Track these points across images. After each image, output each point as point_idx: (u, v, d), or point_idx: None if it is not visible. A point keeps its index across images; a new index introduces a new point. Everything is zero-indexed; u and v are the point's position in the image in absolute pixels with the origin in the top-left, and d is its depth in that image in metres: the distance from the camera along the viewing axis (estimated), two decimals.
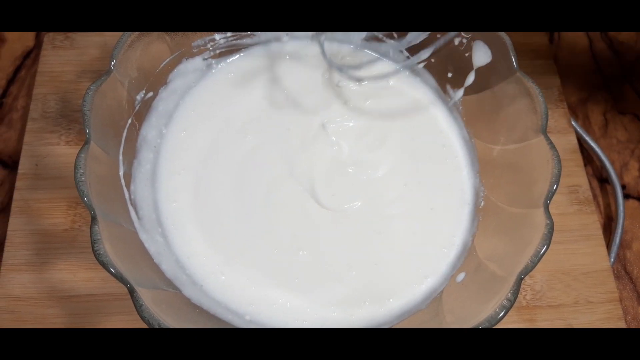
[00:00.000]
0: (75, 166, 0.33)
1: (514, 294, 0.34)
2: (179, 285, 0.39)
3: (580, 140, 0.54)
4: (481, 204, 0.45)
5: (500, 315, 0.33)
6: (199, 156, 0.45)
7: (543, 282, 0.47)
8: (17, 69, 0.54)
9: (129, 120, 0.42)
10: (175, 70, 0.45)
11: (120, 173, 0.40)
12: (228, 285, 0.40)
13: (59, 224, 0.46)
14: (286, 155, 0.45)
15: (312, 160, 0.45)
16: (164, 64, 0.44)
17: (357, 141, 0.47)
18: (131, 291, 0.32)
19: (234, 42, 0.48)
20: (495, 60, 0.43)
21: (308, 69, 0.49)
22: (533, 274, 0.47)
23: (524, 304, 0.46)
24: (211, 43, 0.47)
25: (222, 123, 0.46)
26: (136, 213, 0.40)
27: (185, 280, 0.39)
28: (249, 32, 0.48)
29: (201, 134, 0.46)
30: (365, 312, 0.41)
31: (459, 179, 0.46)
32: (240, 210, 0.43)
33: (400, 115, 0.48)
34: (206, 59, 0.48)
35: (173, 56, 0.45)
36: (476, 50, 0.44)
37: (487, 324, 0.33)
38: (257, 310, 0.40)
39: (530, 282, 0.47)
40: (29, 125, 0.49)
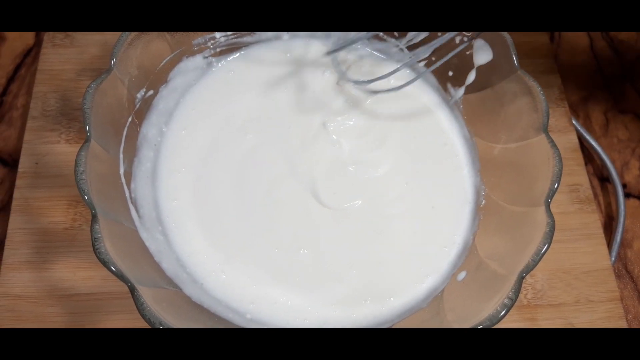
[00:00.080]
0: (76, 164, 0.33)
1: (515, 293, 0.34)
2: (179, 284, 0.38)
3: (581, 139, 0.53)
4: (482, 203, 0.45)
5: (502, 314, 0.33)
6: (200, 154, 0.45)
7: (544, 281, 0.47)
8: (17, 67, 0.54)
9: (130, 119, 0.41)
10: (175, 69, 0.45)
11: (121, 171, 0.40)
12: (229, 284, 0.40)
13: (59, 222, 0.45)
14: (287, 153, 0.45)
15: (313, 159, 0.45)
16: (165, 62, 0.44)
17: (358, 140, 0.47)
18: (132, 290, 0.32)
19: (235, 41, 0.48)
20: (496, 58, 0.43)
21: (309, 67, 0.48)
22: (534, 273, 0.47)
23: (525, 302, 0.46)
24: (212, 41, 0.47)
25: (223, 121, 0.46)
26: (136, 211, 0.40)
27: (185, 279, 0.39)
28: (249, 31, 0.48)
29: (201, 132, 0.46)
30: (366, 311, 0.41)
31: (459, 178, 0.46)
32: (240, 209, 0.43)
33: (400, 114, 0.48)
34: (207, 57, 0.47)
35: (173, 54, 0.45)
36: (477, 49, 0.44)
37: (489, 323, 0.33)
38: (258, 309, 0.40)
39: (531, 281, 0.47)
40: (29, 123, 0.49)
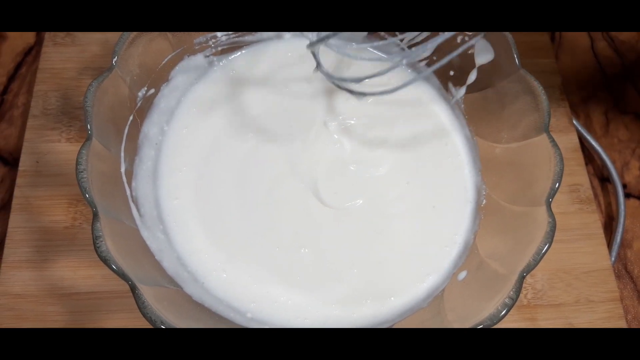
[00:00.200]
0: (77, 163, 0.33)
1: (516, 292, 0.34)
2: (180, 283, 0.38)
3: (582, 139, 0.53)
4: (483, 202, 0.45)
5: (502, 313, 0.33)
6: (201, 153, 0.45)
7: (544, 281, 0.47)
8: (18, 66, 0.54)
9: (131, 117, 0.41)
10: (177, 67, 0.45)
11: (122, 170, 0.40)
12: (230, 283, 0.40)
13: (60, 221, 0.45)
14: (288, 153, 0.45)
15: (314, 158, 0.45)
16: (166, 60, 0.44)
17: (359, 139, 0.47)
18: (133, 288, 0.31)
19: (236, 40, 0.48)
20: (498, 58, 0.43)
21: (310, 66, 0.48)
22: (534, 273, 0.47)
23: (525, 302, 0.46)
24: (213, 40, 0.47)
25: (224, 120, 0.46)
26: (137, 210, 0.40)
27: (186, 278, 0.39)
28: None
29: (202, 131, 0.45)
30: (366, 310, 0.41)
31: (460, 177, 0.46)
32: (241, 208, 0.43)
33: (402, 114, 0.48)
34: (208, 56, 0.47)
35: (175, 53, 0.44)
36: (478, 49, 0.44)
37: (489, 322, 0.33)
38: (259, 308, 0.40)
39: (531, 281, 0.47)
40: (30, 122, 0.49)
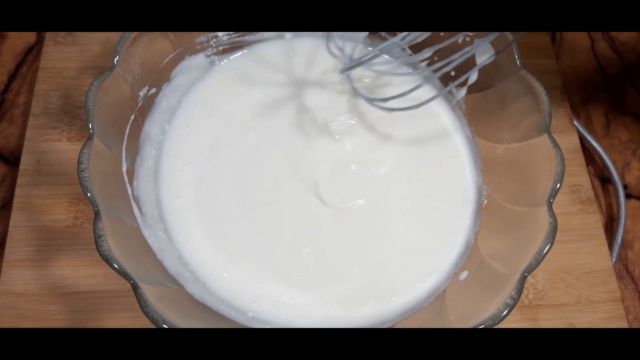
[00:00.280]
0: (79, 162, 0.33)
1: (517, 293, 0.34)
2: (182, 282, 0.38)
3: (582, 139, 0.54)
4: (484, 203, 0.45)
5: (504, 313, 0.33)
6: (202, 153, 0.45)
7: (545, 282, 0.47)
8: (19, 65, 0.54)
9: (132, 117, 0.41)
10: (178, 67, 0.45)
11: (123, 169, 0.40)
12: (231, 282, 0.40)
13: (61, 220, 0.45)
14: (289, 152, 0.45)
15: (315, 158, 0.45)
16: (167, 60, 0.44)
17: (360, 139, 0.47)
18: (135, 287, 0.31)
19: (237, 39, 0.48)
20: (499, 58, 0.43)
21: (311, 66, 0.48)
22: (535, 273, 0.47)
23: (526, 303, 0.46)
24: (214, 40, 0.47)
25: (225, 120, 0.46)
26: (139, 209, 0.40)
27: (188, 277, 0.39)
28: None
29: (204, 130, 0.45)
30: (368, 310, 0.41)
31: (461, 178, 0.46)
32: (243, 207, 0.43)
33: (403, 114, 0.48)
34: (209, 56, 0.47)
35: (176, 52, 0.45)
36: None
37: (491, 323, 0.33)
38: (260, 307, 0.40)
39: (532, 282, 0.47)
40: (31, 121, 0.49)
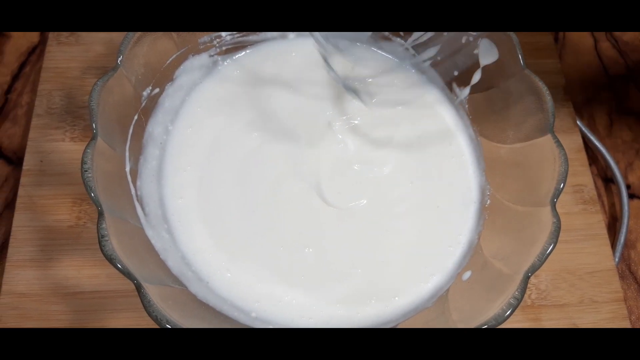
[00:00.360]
0: (82, 162, 0.33)
1: (521, 293, 0.34)
2: (185, 282, 0.38)
3: (585, 139, 0.53)
4: (487, 202, 0.44)
5: (507, 313, 0.33)
6: (205, 153, 0.44)
7: (548, 282, 0.47)
8: (22, 65, 0.54)
9: (135, 117, 0.41)
10: (181, 67, 0.45)
11: (127, 169, 0.40)
12: (234, 282, 0.40)
13: (64, 220, 0.45)
14: (292, 152, 0.45)
15: (318, 157, 0.45)
16: (171, 60, 0.44)
17: (363, 139, 0.47)
18: (138, 287, 0.31)
19: (240, 39, 0.48)
20: (502, 58, 0.43)
21: (314, 66, 0.48)
22: (538, 273, 0.47)
23: (529, 303, 0.46)
24: (217, 40, 0.47)
25: (228, 120, 0.46)
26: (142, 209, 0.40)
27: (191, 277, 0.39)
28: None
29: (207, 130, 0.45)
30: (370, 310, 0.41)
31: (465, 177, 0.46)
32: (246, 207, 0.43)
33: (406, 114, 0.48)
34: (212, 56, 0.47)
35: (179, 52, 0.45)
36: (483, 49, 0.44)
37: (494, 323, 0.33)
38: (263, 308, 0.40)
39: (535, 282, 0.47)
40: (34, 121, 0.49)
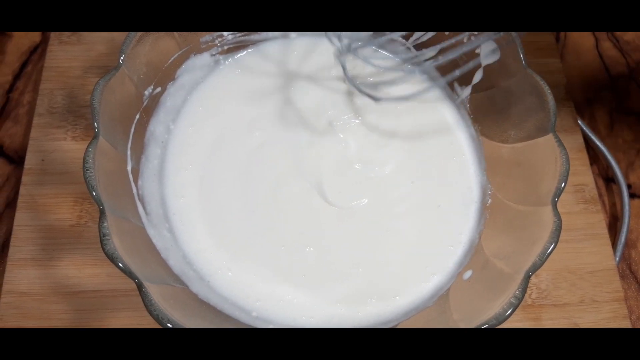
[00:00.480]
0: (84, 161, 0.33)
1: (521, 292, 0.34)
2: (186, 281, 0.38)
3: (586, 139, 0.53)
4: (488, 202, 0.45)
5: (508, 313, 0.33)
6: (206, 152, 0.45)
7: (549, 281, 0.47)
8: (24, 64, 0.54)
9: (137, 116, 0.41)
10: (183, 66, 0.45)
11: (128, 168, 0.40)
12: (235, 282, 0.40)
13: (65, 219, 0.46)
14: (293, 152, 0.45)
15: (319, 157, 0.45)
16: (172, 59, 0.44)
17: (364, 138, 0.47)
18: (139, 286, 0.32)
19: (242, 39, 0.48)
20: (504, 58, 0.43)
21: (315, 65, 0.48)
22: (539, 273, 0.47)
23: (530, 302, 0.46)
24: (219, 39, 0.47)
25: (230, 119, 0.46)
26: (144, 208, 0.40)
27: (192, 276, 0.39)
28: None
29: (208, 129, 0.46)
30: (371, 309, 0.41)
31: (466, 177, 0.46)
32: (247, 207, 0.43)
33: (407, 113, 0.48)
34: (214, 55, 0.48)
35: (181, 52, 0.45)
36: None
37: (495, 322, 0.33)
38: (264, 307, 0.40)
39: (535, 281, 0.47)
40: (36, 120, 0.49)
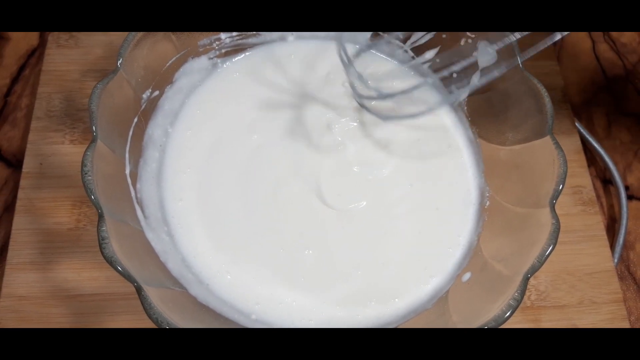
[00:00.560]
0: (82, 164, 0.33)
1: (520, 294, 0.34)
2: (185, 284, 0.38)
3: (584, 141, 0.54)
4: (486, 204, 0.45)
5: (507, 314, 0.33)
6: (205, 155, 0.45)
7: (547, 283, 0.47)
8: (22, 68, 0.54)
9: (135, 119, 0.41)
10: (181, 69, 0.45)
11: (127, 171, 0.40)
12: (234, 284, 0.40)
13: (64, 223, 0.45)
14: (292, 154, 0.45)
15: (318, 159, 0.45)
16: (170, 62, 0.44)
17: (363, 141, 0.47)
18: (139, 290, 0.31)
19: (240, 42, 0.48)
20: (501, 60, 0.43)
21: (313, 69, 0.49)
22: (537, 275, 0.46)
23: (529, 304, 0.46)
24: (217, 42, 0.47)
25: (228, 122, 0.46)
26: (142, 212, 0.40)
27: (191, 279, 0.39)
28: (254, 32, 0.48)
29: (206, 133, 0.46)
30: (371, 312, 0.41)
31: (464, 179, 0.46)
32: (246, 209, 0.43)
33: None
34: (212, 58, 0.48)
35: (179, 55, 0.45)
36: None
37: (494, 324, 0.33)
38: (263, 310, 0.40)
39: (534, 283, 0.47)
40: (33, 124, 0.49)
